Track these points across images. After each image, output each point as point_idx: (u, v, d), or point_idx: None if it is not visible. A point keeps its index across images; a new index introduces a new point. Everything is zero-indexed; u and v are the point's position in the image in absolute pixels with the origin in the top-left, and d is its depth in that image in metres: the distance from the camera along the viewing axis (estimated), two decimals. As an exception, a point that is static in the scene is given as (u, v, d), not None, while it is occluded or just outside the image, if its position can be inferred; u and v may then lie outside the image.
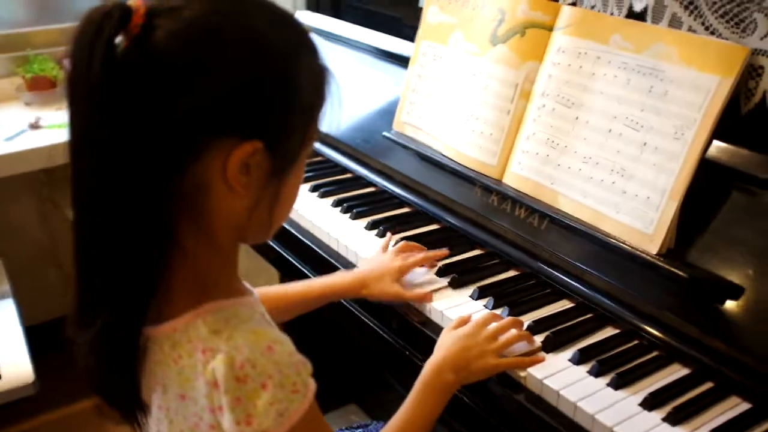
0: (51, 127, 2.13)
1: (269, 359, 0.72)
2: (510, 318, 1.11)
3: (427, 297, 1.20)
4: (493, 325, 1.07)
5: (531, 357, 1.05)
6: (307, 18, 1.91)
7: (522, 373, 1.04)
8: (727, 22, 1.08)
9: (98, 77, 0.67)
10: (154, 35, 0.68)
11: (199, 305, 0.76)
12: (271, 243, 1.53)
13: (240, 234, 0.80)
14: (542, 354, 1.06)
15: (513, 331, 1.07)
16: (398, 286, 1.20)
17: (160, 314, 0.77)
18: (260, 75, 0.72)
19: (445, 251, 1.30)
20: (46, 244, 2.50)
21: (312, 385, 0.76)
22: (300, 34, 0.77)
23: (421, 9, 1.54)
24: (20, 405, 1.68)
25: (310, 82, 0.77)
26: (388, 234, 1.37)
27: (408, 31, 1.64)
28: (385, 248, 1.31)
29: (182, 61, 0.69)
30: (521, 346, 1.07)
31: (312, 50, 0.78)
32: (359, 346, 1.41)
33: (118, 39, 0.68)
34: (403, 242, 1.30)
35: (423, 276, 1.26)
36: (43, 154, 2.02)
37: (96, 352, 0.77)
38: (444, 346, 1.05)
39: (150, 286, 0.75)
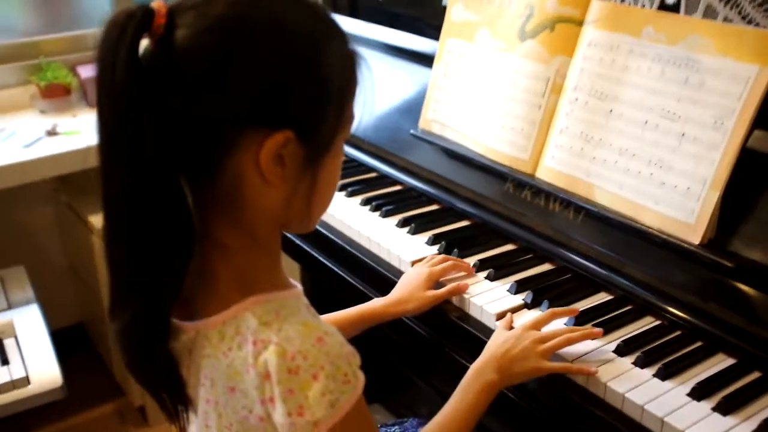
0: (68, 133, 2.13)
1: (320, 350, 0.72)
2: (567, 327, 1.09)
3: (462, 287, 1.20)
4: (540, 333, 1.06)
5: (579, 366, 1.03)
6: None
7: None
8: (766, 10, 1.08)
9: (123, 80, 0.67)
10: (177, 34, 0.69)
11: (245, 298, 0.76)
12: (299, 242, 1.53)
13: (280, 225, 0.80)
14: (593, 367, 1.02)
15: (561, 338, 1.04)
16: (431, 291, 1.20)
17: (208, 308, 0.78)
18: (286, 64, 0.72)
19: (471, 268, 1.27)
20: (64, 250, 2.50)
21: (361, 376, 0.76)
22: (326, 21, 0.77)
23: (443, 7, 1.54)
24: (48, 408, 1.68)
25: (339, 67, 0.77)
26: (428, 256, 1.31)
27: (428, 30, 1.64)
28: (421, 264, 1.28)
29: (206, 58, 0.69)
30: (582, 347, 1.06)
31: (339, 35, 0.78)
32: (384, 343, 1.41)
33: (144, 41, 0.69)
34: (442, 256, 1.28)
35: (454, 274, 1.26)
36: (61, 161, 2.02)
37: (129, 345, 0.78)
38: (490, 347, 1.05)
39: (179, 279, 0.75)
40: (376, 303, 1.20)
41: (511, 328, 1.10)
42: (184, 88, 0.69)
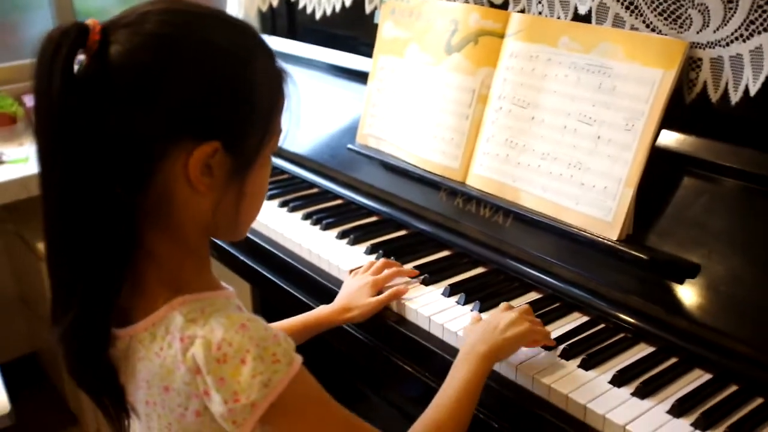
0: (14, 162, 2.13)
1: (244, 335, 0.75)
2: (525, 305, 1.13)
3: (400, 291, 1.24)
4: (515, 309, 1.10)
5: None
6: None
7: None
8: (666, 19, 1.15)
9: (58, 94, 0.71)
10: (111, 50, 0.73)
11: (174, 299, 0.79)
12: (244, 258, 1.56)
13: (208, 231, 0.84)
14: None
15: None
16: (374, 297, 1.23)
17: (140, 312, 0.81)
18: (214, 81, 0.76)
19: (415, 271, 1.31)
20: (13, 279, 2.48)
21: (296, 356, 0.78)
22: (253, 40, 0.82)
23: (376, 26, 1.60)
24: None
25: (265, 84, 0.81)
26: (365, 263, 1.34)
27: (364, 49, 1.69)
28: (362, 273, 1.31)
29: (138, 72, 0.73)
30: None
31: (267, 53, 0.82)
32: (333, 357, 1.43)
33: (79, 57, 0.73)
34: (382, 261, 1.31)
35: (396, 280, 1.29)
36: (8, 189, 2.03)
37: (69, 350, 0.81)
38: (469, 332, 1.07)
39: (116, 286, 0.79)
40: (321, 311, 1.23)
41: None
42: (117, 101, 0.73)
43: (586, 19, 1.25)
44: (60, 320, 0.80)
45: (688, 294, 1.07)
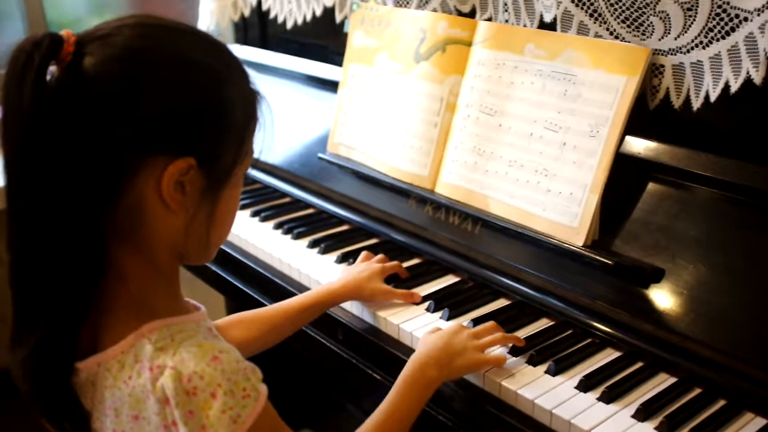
0: (-16, 174, 2.11)
1: (216, 368, 0.74)
2: (492, 322, 1.13)
3: (416, 296, 1.24)
4: (476, 328, 1.10)
5: (505, 356, 1.08)
6: (235, 51, 1.95)
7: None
8: (629, 26, 1.16)
9: (30, 106, 0.70)
10: (84, 62, 0.72)
11: (143, 325, 0.78)
12: (215, 269, 1.55)
13: (178, 253, 0.82)
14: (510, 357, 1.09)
15: (497, 334, 1.09)
16: (387, 286, 1.24)
17: (107, 338, 0.79)
18: (190, 95, 0.76)
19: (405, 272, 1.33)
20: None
21: (263, 389, 0.78)
22: (229, 58, 0.82)
23: (346, 35, 1.60)
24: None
25: (240, 103, 0.81)
26: (362, 253, 1.36)
27: (335, 58, 1.69)
28: (362, 261, 1.32)
29: (113, 85, 0.72)
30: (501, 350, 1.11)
31: (241, 73, 0.82)
32: (307, 369, 1.42)
33: (51, 68, 0.71)
34: (381, 256, 1.33)
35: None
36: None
37: (30, 374, 0.79)
38: (428, 342, 1.05)
39: (83, 308, 0.77)
40: (334, 286, 1.22)
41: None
42: (90, 113, 0.72)
43: (551, 26, 1.26)
44: (23, 342, 0.77)
45: (653, 298, 1.08)
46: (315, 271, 1.37)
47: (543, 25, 1.29)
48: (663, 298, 1.07)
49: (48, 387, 0.79)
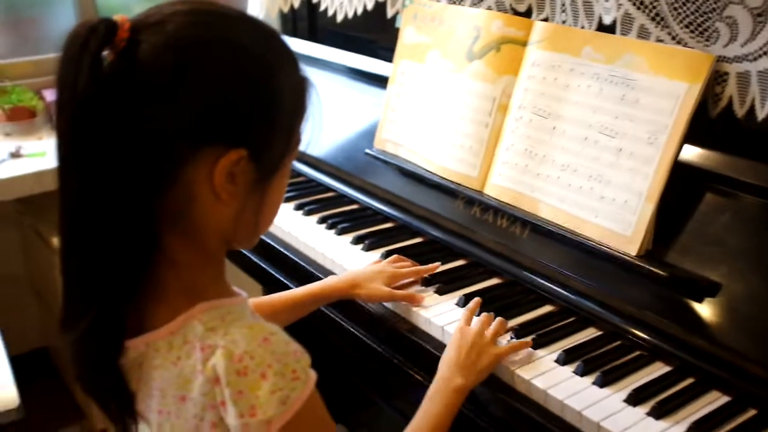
0: (32, 155, 2.14)
1: (266, 349, 0.74)
2: (486, 314, 1.15)
3: (418, 298, 1.23)
4: (479, 324, 1.11)
5: (521, 341, 1.11)
6: (285, 42, 1.95)
7: (511, 375, 1.06)
8: (692, 31, 1.13)
9: (85, 90, 0.69)
10: (139, 49, 0.71)
11: (192, 307, 0.78)
12: (256, 259, 1.55)
13: (227, 239, 0.82)
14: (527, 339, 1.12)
15: (496, 321, 1.13)
16: (388, 288, 1.23)
17: (156, 320, 0.79)
18: (242, 85, 0.75)
19: (436, 264, 1.32)
20: (28, 273, 2.49)
21: (312, 374, 0.77)
22: (281, 46, 0.80)
23: (397, 30, 1.58)
24: (6, 430, 1.67)
25: (291, 92, 0.80)
26: (393, 256, 1.35)
27: (384, 53, 1.68)
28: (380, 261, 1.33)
29: (166, 73, 0.72)
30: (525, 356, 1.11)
31: (292, 61, 0.81)
32: (343, 364, 1.41)
33: (105, 53, 0.71)
34: (395, 255, 1.32)
35: (409, 286, 1.28)
36: (25, 182, 2.03)
37: (80, 356, 0.80)
38: (447, 356, 1.07)
39: (133, 291, 0.77)
40: (327, 282, 1.24)
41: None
42: (144, 100, 0.71)
43: (610, 29, 1.23)
44: (73, 325, 0.78)
45: (707, 313, 1.05)
46: (359, 268, 1.36)
47: (602, 28, 1.26)
48: (717, 312, 1.05)
49: (97, 368, 0.80)
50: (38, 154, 2.15)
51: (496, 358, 1.07)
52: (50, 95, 2.36)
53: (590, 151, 1.20)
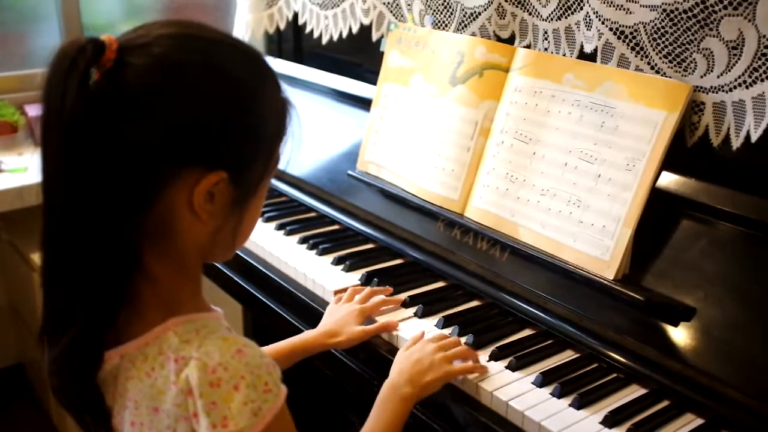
0: (13, 171, 2.12)
1: (240, 361, 0.75)
2: (455, 337, 1.18)
3: (391, 325, 1.23)
4: (440, 342, 1.13)
5: (475, 365, 1.12)
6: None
7: (487, 396, 1.07)
8: (671, 62, 1.16)
9: (72, 108, 0.70)
10: (125, 70, 0.73)
11: (168, 320, 0.79)
12: (237, 278, 1.55)
13: (204, 255, 0.84)
14: (486, 365, 1.13)
15: (461, 346, 1.14)
16: (362, 327, 1.23)
17: (132, 333, 0.80)
18: (225, 108, 0.76)
19: (400, 298, 1.32)
20: (5, 289, 2.47)
21: (283, 388, 0.78)
22: (264, 70, 0.82)
23: (382, 53, 1.61)
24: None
25: (272, 115, 0.82)
26: (349, 288, 1.34)
27: (368, 76, 1.70)
28: (347, 300, 1.31)
29: (151, 95, 0.73)
30: (502, 380, 1.11)
31: (275, 84, 0.83)
32: (321, 385, 1.40)
33: (90, 72, 0.72)
34: (368, 289, 1.32)
35: (390, 309, 1.29)
36: (5, 198, 2.02)
37: (59, 371, 0.80)
38: (398, 363, 1.10)
39: (115, 307, 0.78)
40: (308, 335, 1.23)
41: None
42: (128, 120, 0.73)
43: (591, 57, 1.26)
44: (53, 341, 0.79)
45: (683, 337, 1.07)
46: (339, 288, 1.36)
47: (583, 56, 1.28)
48: (692, 336, 1.06)
49: (76, 383, 0.80)
50: (19, 169, 2.14)
51: (445, 374, 1.08)
52: (32, 110, 2.35)
53: (570, 176, 1.22)
